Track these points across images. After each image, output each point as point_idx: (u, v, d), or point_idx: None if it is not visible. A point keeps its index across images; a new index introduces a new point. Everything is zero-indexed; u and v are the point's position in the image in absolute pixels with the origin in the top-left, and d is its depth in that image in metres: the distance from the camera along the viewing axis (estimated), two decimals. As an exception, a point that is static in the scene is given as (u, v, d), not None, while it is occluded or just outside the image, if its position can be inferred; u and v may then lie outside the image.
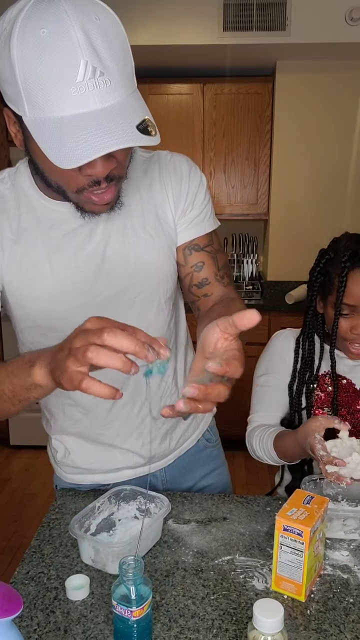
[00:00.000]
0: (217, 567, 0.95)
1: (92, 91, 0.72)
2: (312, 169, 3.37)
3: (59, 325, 0.97)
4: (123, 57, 0.76)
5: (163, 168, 1.04)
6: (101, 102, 0.73)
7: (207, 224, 1.07)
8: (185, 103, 3.37)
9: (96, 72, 0.72)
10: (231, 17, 2.83)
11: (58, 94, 0.72)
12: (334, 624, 0.83)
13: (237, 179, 3.46)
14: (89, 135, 0.72)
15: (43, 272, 0.97)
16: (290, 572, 0.87)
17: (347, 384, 1.27)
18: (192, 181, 1.05)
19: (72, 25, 0.71)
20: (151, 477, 1.21)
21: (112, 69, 0.74)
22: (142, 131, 0.75)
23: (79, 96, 0.72)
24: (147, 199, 1.02)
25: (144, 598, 0.76)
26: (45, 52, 0.71)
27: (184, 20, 2.87)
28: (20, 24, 0.72)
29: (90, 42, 0.72)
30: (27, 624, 0.83)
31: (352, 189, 3.38)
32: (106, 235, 0.98)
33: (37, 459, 3.32)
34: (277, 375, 1.30)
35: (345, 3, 2.78)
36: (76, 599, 0.88)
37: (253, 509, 1.12)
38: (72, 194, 0.86)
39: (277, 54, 3.12)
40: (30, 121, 0.76)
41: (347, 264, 1.17)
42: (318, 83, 3.25)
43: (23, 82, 0.73)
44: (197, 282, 1.08)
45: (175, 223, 1.05)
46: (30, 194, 0.97)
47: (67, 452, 1.16)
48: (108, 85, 0.73)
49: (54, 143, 0.74)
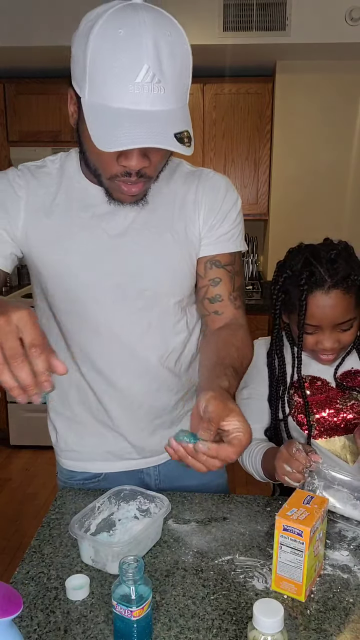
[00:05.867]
0: (217, 567, 0.95)
1: (146, 93, 0.81)
2: (312, 169, 3.37)
3: (66, 296, 1.08)
4: (181, 73, 0.86)
5: (202, 183, 1.10)
6: (151, 105, 0.82)
7: (232, 244, 1.12)
8: (185, 103, 3.36)
9: (154, 78, 0.81)
10: (231, 17, 2.83)
11: (117, 86, 0.81)
12: (334, 624, 0.83)
13: (237, 179, 3.46)
14: (131, 129, 0.81)
15: (65, 244, 1.04)
16: (290, 572, 0.87)
17: (322, 384, 1.27)
18: (226, 201, 1.11)
19: (146, 33, 0.81)
20: (145, 474, 1.22)
21: (169, 80, 0.83)
22: (178, 140, 0.83)
23: (134, 94, 0.81)
24: (179, 205, 1.08)
25: (144, 598, 0.76)
26: (116, 48, 0.80)
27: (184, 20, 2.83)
28: (104, 19, 0.82)
29: (157, 51, 0.81)
30: (27, 624, 0.83)
31: (352, 188, 3.38)
32: (131, 227, 1.05)
33: (37, 459, 3.32)
34: (256, 386, 1.30)
35: (345, 3, 2.78)
36: (76, 599, 0.88)
37: (253, 509, 1.12)
38: (106, 179, 0.96)
39: (277, 54, 3.12)
40: (87, 103, 0.85)
41: (305, 287, 1.14)
42: (318, 83, 3.25)
43: (91, 68, 0.83)
44: (211, 297, 1.12)
45: (200, 235, 1.10)
46: (73, 175, 1.06)
47: (61, 435, 1.22)
48: (162, 93, 0.82)
49: (100, 126, 0.83)
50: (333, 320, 1.16)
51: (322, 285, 1.14)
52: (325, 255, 1.16)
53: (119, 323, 1.09)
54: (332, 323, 1.16)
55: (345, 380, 1.26)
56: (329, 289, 1.14)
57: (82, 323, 1.09)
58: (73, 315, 1.09)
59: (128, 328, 1.09)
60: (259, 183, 3.47)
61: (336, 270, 1.14)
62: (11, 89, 3.40)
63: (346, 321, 1.16)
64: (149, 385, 1.14)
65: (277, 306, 1.23)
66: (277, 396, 1.27)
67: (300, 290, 1.15)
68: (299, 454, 1.02)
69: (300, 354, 1.22)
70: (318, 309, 1.15)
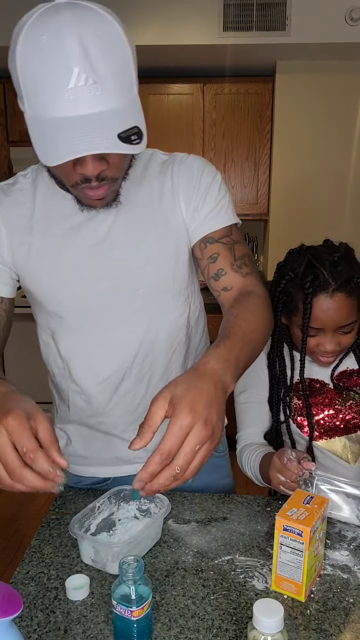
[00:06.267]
0: (217, 567, 0.95)
1: (82, 98, 0.77)
2: (312, 169, 3.37)
3: (60, 310, 1.07)
4: (121, 68, 0.80)
5: (176, 167, 1.07)
6: (90, 108, 0.78)
7: (223, 218, 1.07)
8: (185, 103, 3.37)
9: (88, 80, 0.77)
10: (231, 17, 2.83)
11: (50, 96, 0.78)
12: (334, 624, 0.83)
13: (237, 179, 3.46)
14: (70, 138, 0.78)
15: (49, 255, 1.03)
16: (290, 572, 0.87)
17: (321, 386, 1.27)
18: (204, 177, 1.06)
19: (69, 35, 0.76)
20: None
21: (106, 78, 0.78)
22: (125, 139, 0.80)
23: (70, 101, 0.77)
24: (158, 197, 1.06)
25: (144, 598, 0.76)
26: (42, 58, 0.77)
27: (184, 20, 2.87)
28: (26, 29, 0.78)
29: (84, 51, 0.76)
30: (27, 624, 0.83)
31: (352, 188, 3.38)
32: (113, 229, 1.03)
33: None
34: (256, 390, 1.29)
35: (345, 3, 2.78)
36: (76, 599, 0.88)
37: (253, 509, 1.12)
38: (70, 187, 0.94)
39: (277, 54, 3.12)
40: (28, 117, 0.82)
41: (309, 290, 1.13)
42: (318, 83, 3.25)
43: (23, 82, 0.80)
44: (214, 274, 1.07)
45: (186, 221, 1.07)
46: (47, 188, 1.05)
47: (69, 441, 1.20)
48: (99, 94, 0.78)
49: (41, 139, 0.80)
50: (336, 323, 1.15)
51: (326, 289, 1.13)
52: (328, 258, 1.16)
53: (120, 328, 1.08)
54: (335, 326, 1.16)
55: (342, 381, 1.26)
56: (333, 292, 1.13)
57: (82, 336, 1.08)
58: (72, 329, 1.08)
59: (129, 331, 1.08)
60: (259, 183, 3.47)
61: (339, 273, 1.14)
62: (11, 89, 3.39)
63: (348, 324, 1.16)
64: (156, 387, 1.12)
65: (278, 308, 1.23)
66: (278, 399, 1.27)
67: (305, 294, 1.14)
68: (290, 464, 1.02)
69: (303, 358, 1.22)
70: (322, 312, 1.15)
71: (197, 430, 0.72)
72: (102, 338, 1.08)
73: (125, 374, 1.11)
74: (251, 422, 1.30)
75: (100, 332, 1.08)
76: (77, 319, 1.07)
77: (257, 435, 1.29)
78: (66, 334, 1.10)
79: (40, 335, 1.15)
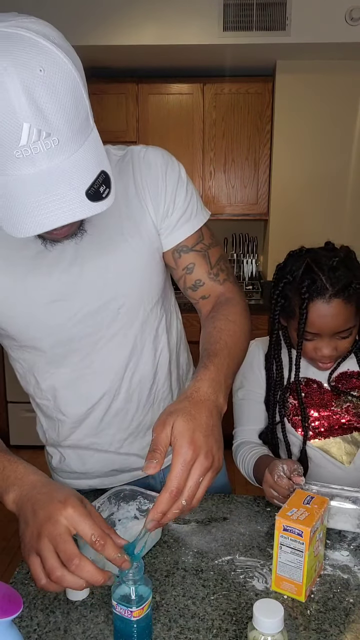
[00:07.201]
0: (217, 567, 0.95)
1: (38, 153, 0.68)
2: (312, 168, 3.37)
3: (40, 344, 1.00)
4: (73, 107, 0.70)
5: (137, 167, 0.99)
6: (49, 159, 0.69)
7: (193, 222, 1.02)
8: (185, 103, 3.37)
9: (41, 134, 0.68)
10: (231, 17, 2.83)
11: (2, 158, 0.68)
12: (334, 624, 0.83)
13: (237, 179, 3.46)
14: (37, 205, 0.70)
15: (17, 294, 0.95)
16: (290, 572, 0.87)
17: (318, 387, 1.27)
18: (169, 176, 0.99)
19: (13, 86, 0.65)
20: (150, 477, 1.21)
21: (60, 127, 0.69)
22: (94, 195, 0.72)
23: (24, 158, 0.68)
24: (123, 203, 0.97)
25: (144, 598, 0.76)
26: None
27: (184, 20, 2.87)
28: None
29: (33, 103, 0.66)
30: (27, 624, 0.83)
31: (352, 189, 3.38)
32: (82, 249, 0.95)
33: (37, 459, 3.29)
34: (253, 388, 1.30)
35: (345, 3, 2.78)
36: (76, 599, 0.88)
37: (253, 509, 1.12)
38: None
39: (277, 54, 3.12)
40: None
41: (306, 295, 1.12)
42: (318, 83, 3.25)
43: None
44: (191, 285, 1.05)
45: (157, 227, 1.00)
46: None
47: (63, 458, 1.16)
48: (56, 144, 0.69)
49: (4, 208, 0.71)
50: (333, 329, 1.15)
51: (323, 295, 1.12)
52: (327, 262, 1.15)
53: (105, 350, 1.03)
54: (332, 331, 1.15)
55: (341, 382, 1.26)
56: (330, 298, 1.12)
57: (65, 366, 1.03)
58: (53, 361, 1.03)
59: (116, 350, 1.04)
60: (259, 183, 3.47)
61: (338, 279, 1.13)
62: None
63: (346, 329, 1.16)
64: (147, 401, 1.11)
65: (276, 311, 1.22)
66: (275, 400, 1.27)
67: (302, 299, 1.13)
68: (280, 481, 1.02)
69: (299, 361, 1.22)
70: (319, 318, 1.14)
71: (199, 464, 0.74)
72: (87, 364, 1.03)
73: (114, 395, 1.07)
74: (248, 419, 1.31)
75: (84, 358, 1.02)
76: (57, 350, 1.01)
77: (253, 433, 1.30)
78: (47, 367, 1.04)
79: (14, 365, 1.09)
